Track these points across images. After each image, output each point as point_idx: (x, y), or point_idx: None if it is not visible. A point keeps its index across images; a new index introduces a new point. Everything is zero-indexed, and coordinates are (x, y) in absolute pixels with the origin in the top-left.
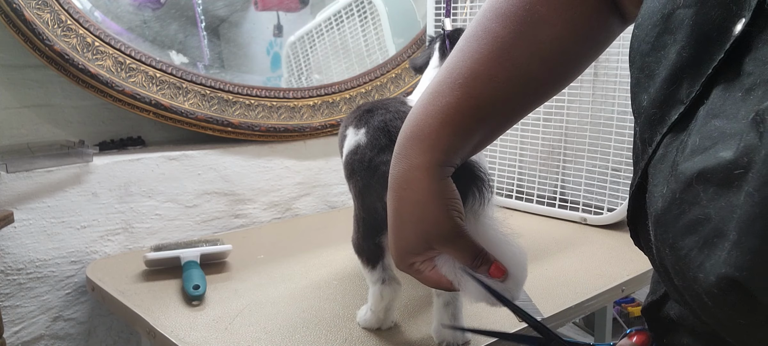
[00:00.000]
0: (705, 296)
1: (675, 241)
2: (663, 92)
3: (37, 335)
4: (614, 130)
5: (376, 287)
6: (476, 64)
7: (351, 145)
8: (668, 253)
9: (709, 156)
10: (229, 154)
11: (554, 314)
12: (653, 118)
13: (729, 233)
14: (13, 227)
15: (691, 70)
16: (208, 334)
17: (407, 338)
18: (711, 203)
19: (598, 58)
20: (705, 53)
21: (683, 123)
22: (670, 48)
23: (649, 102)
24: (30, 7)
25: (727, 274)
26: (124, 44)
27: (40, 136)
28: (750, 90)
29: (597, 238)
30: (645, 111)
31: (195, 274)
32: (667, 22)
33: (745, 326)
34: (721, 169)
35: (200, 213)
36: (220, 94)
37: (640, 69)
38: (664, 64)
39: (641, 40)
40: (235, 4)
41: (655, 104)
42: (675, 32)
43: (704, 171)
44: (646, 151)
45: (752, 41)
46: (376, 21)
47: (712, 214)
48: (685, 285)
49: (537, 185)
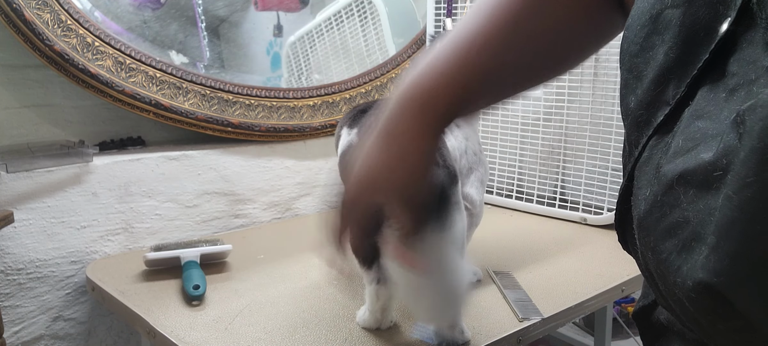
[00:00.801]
0: (685, 301)
1: (656, 244)
2: (650, 94)
3: (37, 335)
4: (614, 130)
5: (371, 286)
6: (489, 33)
7: (344, 146)
8: (650, 257)
9: (689, 158)
10: (229, 154)
11: (554, 314)
12: (640, 119)
13: (706, 236)
14: (13, 227)
15: (678, 71)
16: (208, 334)
17: (407, 338)
18: (690, 205)
19: (599, 59)
20: (691, 54)
21: (669, 125)
22: (658, 49)
23: (636, 103)
24: (30, 7)
25: (703, 279)
26: (124, 44)
27: (40, 136)
28: (733, 90)
29: (597, 238)
30: (632, 113)
31: (195, 274)
32: (655, 23)
33: (723, 332)
34: (700, 171)
35: (200, 213)
36: (220, 94)
37: (628, 70)
38: (652, 65)
39: (630, 42)
40: (235, 4)
41: (641, 106)
42: (663, 33)
43: (685, 173)
44: (632, 153)
45: (737, 41)
46: (376, 21)
47: (691, 217)
48: (667, 290)
49: (537, 185)
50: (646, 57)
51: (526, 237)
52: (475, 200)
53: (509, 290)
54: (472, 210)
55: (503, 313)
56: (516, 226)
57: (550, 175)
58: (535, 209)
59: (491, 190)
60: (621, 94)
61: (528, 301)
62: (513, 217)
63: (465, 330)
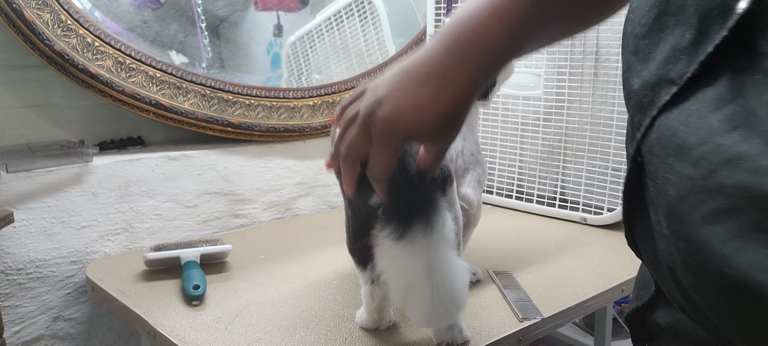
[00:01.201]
0: (723, 296)
1: (690, 232)
2: (656, 74)
3: (37, 335)
4: (614, 130)
5: (366, 287)
6: None
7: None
8: (682, 246)
9: (735, 139)
10: (229, 154)
11: (554, 314)
12: (644, 100)
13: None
14: (13, 227)
15: (690, 51)
16: (208, 334)
17: (407, 338)
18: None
19: (599, 59)
20: (705, 33)
21: (677, 103)
22: (671, 29)
23: (640, 85)
24: (30, 7)
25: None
26: (124, 44)
27: (40, 136)
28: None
29: (597, 238)
30: (636, 94)
31: (195, 274)
32: (667, 4)
33: (757, 333)
34: (753, 156)
35: (200, 213)
36: (220, 94)
37: (632, 52)
38: (661, 46)
39: (636, 24)
40: (235, 4)
41: (646, 86)
42: (677, 13)
43: (736, 157)
44: (634, 136)
45: (761, 21)
46: (376, 21)
47: (744, 204)
48: (698, 283)
49: (537, 184)
50: (654, 39)
51: (526, 237)
52: (472, 200)
53: (509, 290)
54: (469, 210)
55: (503, 313)
56: (516, 226)
57: (550, 175)
58: (535, 209)
59: (491, 190)
60: (623, 78)
61: (528, 301)
62: (513, 217)
63: (465, 330)
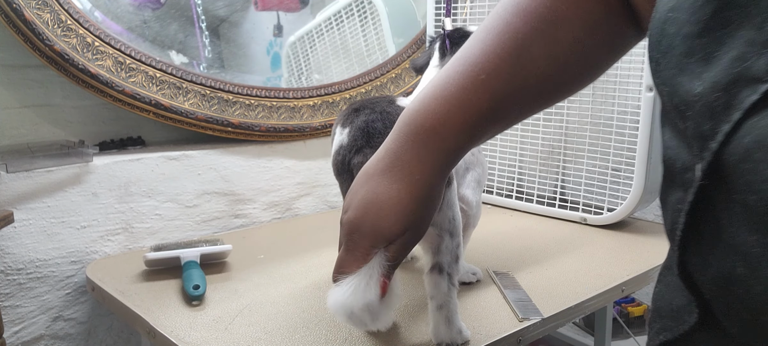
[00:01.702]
0: None
1: None
2: (729, 73)
3: (37, 335)
4: (614, 130)
5: None
6: (497, 60)
7: (336, 146)
8: None
9: None
10: (229, 154)
11: (554, 314)
12: (716, 104)
13: None
14: (13, 227)
15: None
16: (208, 334)
17: (407, 338)
18: None
19: None
20: None
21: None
22: (740, 22)
23: (706, 88)
24: (30, 7)
25: None
26: (124, 44)
27: (40, 136)
28: None
29: (597, 238)
30: (701, 98)
31: (195, 274)
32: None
33: None
34: None
35: (200, 213)
36: (220, 94)
37: (685, 54)
38: (729, 43)
39: (684, 23)
40: (235, 4)
41: (717, 88)
42: (746, 5)
43: None
44: (706, 147)
45: None
46: (376, 21)
47: None
48: None
49: (537, 185)
50: (716, 35)
51: (526, 237)
52: (471, 201)
53: (509, 290)
54: (468, 211)
55: (503, 313)
56: (516, 226)
57: (550, 175)
58: (535, 209)
59: (491, 190)
60: (669, 84)
61: (528, 301)
62: (513, 217)
63: (465, 330)
